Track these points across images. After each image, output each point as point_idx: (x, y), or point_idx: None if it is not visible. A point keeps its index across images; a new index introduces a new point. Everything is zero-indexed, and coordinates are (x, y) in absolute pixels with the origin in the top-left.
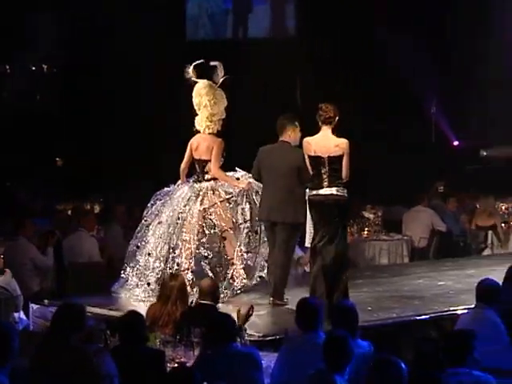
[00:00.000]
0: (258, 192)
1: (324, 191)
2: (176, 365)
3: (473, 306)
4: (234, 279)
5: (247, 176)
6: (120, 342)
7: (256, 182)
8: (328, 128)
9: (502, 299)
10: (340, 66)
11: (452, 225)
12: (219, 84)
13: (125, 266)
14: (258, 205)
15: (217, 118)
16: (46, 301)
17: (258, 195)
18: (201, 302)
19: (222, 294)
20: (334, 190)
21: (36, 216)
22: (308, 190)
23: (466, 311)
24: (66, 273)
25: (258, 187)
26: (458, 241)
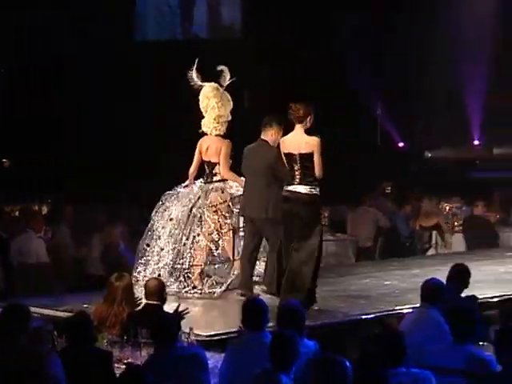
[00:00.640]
0: None
1: (293, 188)
2: (123, 365)
3: (418, 306)
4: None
5: None
6: (67, 343)
7: None
8: (300, 126)
9: (445, 298)
10: (287, 68)
11: (402, 226)
12: (225, 87)
13: (136, 264)
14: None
15: (223, 120)
16: None
17: None
18: (147, 302)
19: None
20: (302, 188)
21: None
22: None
23: (411, 310)
24: (13, 273)
25: None
26: (404, 241)
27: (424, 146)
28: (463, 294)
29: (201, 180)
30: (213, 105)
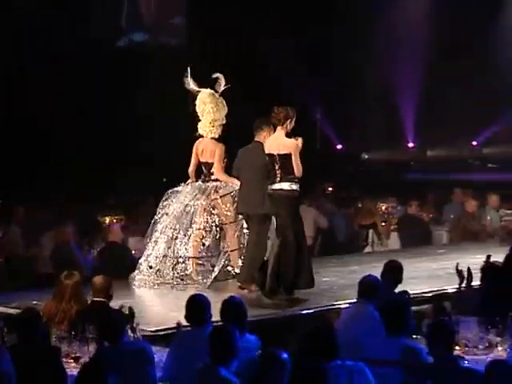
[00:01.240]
0: None
1: (275, 186)
2: (71, 360)
3: (354, 301)
4: (230, 266)
5: None
6: (17, 340)
7: None
8: (281, 129)
9: (379, 294)
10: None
11: (341, 225)
12: (220, 93)
13: (141, 256)
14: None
15: (218, 123)
16: None
17: None
18: (94, 299)
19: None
20: (284, 185)
21: None
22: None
23: (348, 306)
24: None
25: None
26: (343, 240)
27: (360, 148)
28: (397, 290)
29: (200, 180)
30: (209, 109)
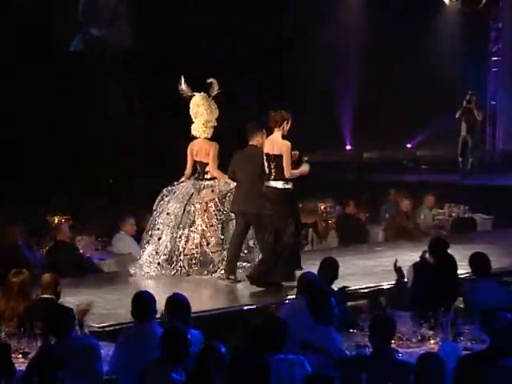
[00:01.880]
0: None
1: (269, 184)
2: (20, 355)
3: (294, 297)
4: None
5: None
6: None
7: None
8: (277, 131)
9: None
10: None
11: None
12: (212, 96)
13: (141, 250)
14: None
15: (211, 125)
16: None
17: None
18: (41, 296)
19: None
20: (277, 183)
21: None
22: None
23: (287, 301)
24: None
25: None
26: None
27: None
28: (334, 286)
29: (194, 178)
30: (202, 111)
